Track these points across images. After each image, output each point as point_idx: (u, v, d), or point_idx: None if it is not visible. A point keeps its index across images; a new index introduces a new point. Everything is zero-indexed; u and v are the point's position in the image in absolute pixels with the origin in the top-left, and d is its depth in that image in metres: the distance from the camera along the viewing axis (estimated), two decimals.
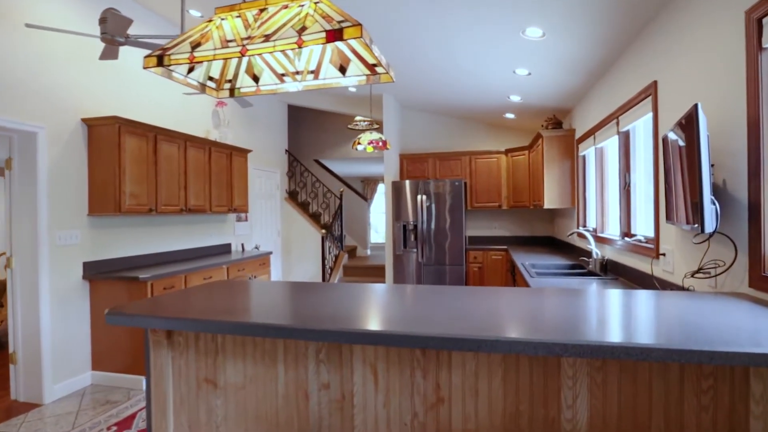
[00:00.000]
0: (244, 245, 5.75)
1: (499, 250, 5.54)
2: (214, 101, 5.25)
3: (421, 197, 5.64)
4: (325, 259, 6.33)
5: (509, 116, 5.62)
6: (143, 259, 4.08)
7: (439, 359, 1.33)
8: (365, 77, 1.81)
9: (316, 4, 1.42)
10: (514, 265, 4.29)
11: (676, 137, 1.87)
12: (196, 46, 1.58)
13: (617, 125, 3.08)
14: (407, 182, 5.68)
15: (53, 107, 3.28)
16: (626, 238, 2.97)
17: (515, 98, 4.73)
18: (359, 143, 4.57)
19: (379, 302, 1.60)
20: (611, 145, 3.49)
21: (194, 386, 1.58)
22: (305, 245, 6.90)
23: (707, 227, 1.55)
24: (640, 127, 2.92)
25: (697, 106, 1.56)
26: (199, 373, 1.57)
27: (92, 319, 3.56)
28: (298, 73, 1.90)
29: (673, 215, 2.00)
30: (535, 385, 1.28)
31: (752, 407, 1.16)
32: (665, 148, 2.07)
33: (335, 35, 1.37)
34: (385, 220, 6.16)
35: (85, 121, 3.53)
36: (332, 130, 8.14)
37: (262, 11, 1.60)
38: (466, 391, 1.32)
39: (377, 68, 1.76)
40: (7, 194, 3.22)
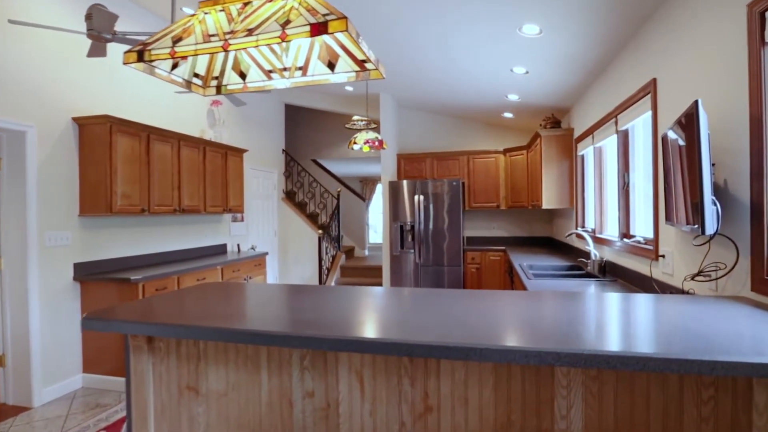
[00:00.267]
0: (239, 246, 5.70)
1: (497, 250, 5.48)
2: (209, 100, 5.20)
3: (418, 197, 5.59)
4: (321, 259, 6.27)
5: (507, 115, 5.57)
6: (136, 260, 4.03)
7: (427, 367, 1.27)
8: (355, 74, 1.75)
9: None
10: (512, 266, 4.23)
11: (675, 136, 1.81)
12: (177, 40, 1.52)
13: (616, 124, 3.03)
14: (405, 182, 5.63)
15: (43, 106, 3.23)
16: (625, 239, 2.91)
17: (513, 97, 4.67)
18: (355, 143, 4.52)
19: (367, 307, 1.54)
20: (610, 144, 3.43)
21: (176, 393, 1.52)
22: (302, 246, 6.84)
23: (708, 229, 1.50)
24: (639, 125, 2.86)
25: (697, 102, 1.50)
26: (180, 379, 1.52)
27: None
28: (285, 69, 1.84)
29: (672, 216, 1.94)
30: (527, 394, 1.22)
31: (755, 419, 1.10)
32: (665, 147, 2.01)
33: (320, 29, 1.32)
34: (382, 220, 6.10)
35: (75, 120, 3.48)
36: (330, 129, 8.08)
37: (246, 5, 1.54)
38: (455, 400, 1.26)
39: (367, 64, 1.70)
40: None
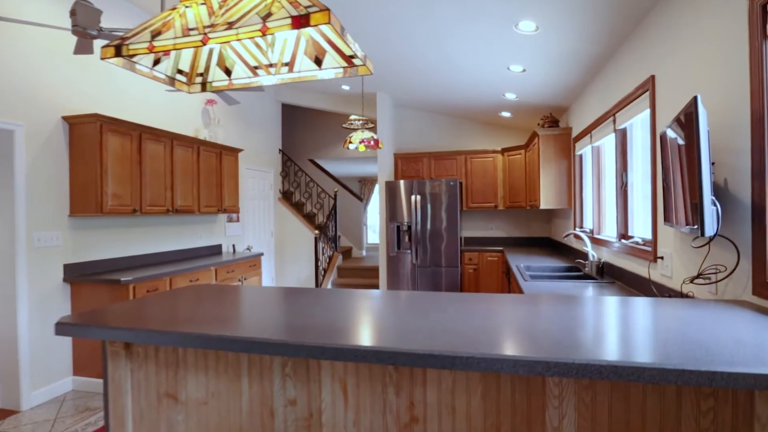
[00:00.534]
0: (235, 246, 5.64)
1: (495, 251, 5.42)
2: (203, 99, 5.14)
3: (415, 197, 5.53)
4: (318, 260, 6.21)
5: (505, 114, 5.51)
6: (129, 260, 3.97)
7: (413, 375, 1.21)
8: (342, 69, 1.70)
9: None
10: (509, 267, 4.17)
11: (674, 133, 1.75)
12: (156, 35, 1.46)
13: (614, 123, 2.97)
14: (402, 182, 5.57)
15: (32, 104, 3.18)
16: (623, 240, 2.85)
17: (510, 96, 4.61)
18: (351, 142, 4.46)
19: (353, 312, 1.49)
20: (608, 143, 3.37)
21: (154, 401, 1.47)
22: (299, 246, 6.79)
23: (707, 230, 1.44)
24: (637, 124, 2.80)
25: (696, 98, 1.44)
26: (159, 386, 1.46)
27: None
28: (271, 65, 1.79)
29: (671, 217, 1.88)
30: (517, 403, 1.16)
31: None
32: (663, 145, 1.95)
33: (301, 21, 1.26)
34: (378, 220, 6.05)
35: (66, 118, 3.42)
36: (327, 129, 8.02)
37: None
38: (442, 409, 1.20)
39: (354, 60, 1.64)
40: None
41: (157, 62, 1.74)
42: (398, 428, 1.23)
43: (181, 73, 1.86)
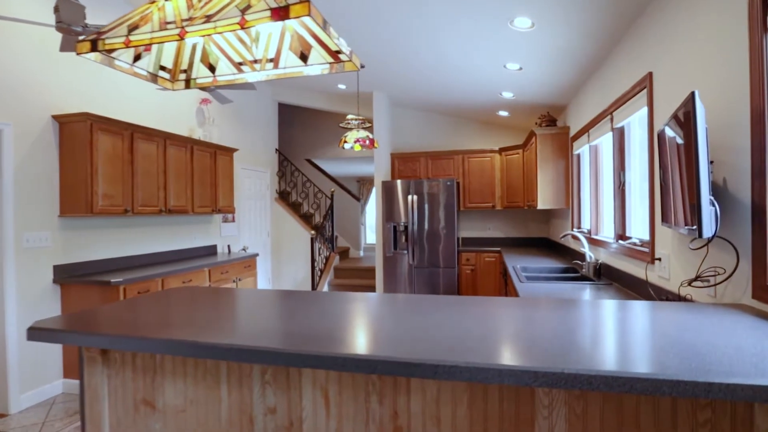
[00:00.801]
0: (230, 247, 5.59)
1: (492, 251, 5.36)
2: (198, 99, 5.09)
3: (412, 197, 5.47)
4: (314, 260, 6.16)
5: (503, 114, 5.45)
6: (121, 261, 3.92)
7: (396, 383, 1.16)
8: (329, 65, 1.65)
9: None
10: (506, 268, 4.12)
11: (671, 131, 1.70)
12: (134, 29, 1.41)
13: (611, 121, 2.91)
14: (398, 182, 5.51)
15: (21, 103, 3.12)
16: (620, 240, 2.80)
17: (507, 95, 4.55)
18: (346, 141, 4.40)
19: (337, 317, 1.43)
20: (605, 142, 3.32)
21: (131, 408, 1.42)
22: (296, 247, 6.73)
23: (705, 231, 1.38)
24: (635, 122, 2.75)
25: (693, 94, 1.39)
26: (136, 393, 1.41)
27: None
28: (256, 61, 1.73)
29: (669, 217, 1.83)
30: (505, 412, 1.11)
31: None
32: (661, 144, 1.90)
33: (281, 13, 1.21)
34: (374, 220, 5.99)
35: (55, 117, 3.37)
36: (324, 129, 7.97)
37: None
38: (426, 418, 1.15)
39: (340, 55, 1.59)
40: None
41: (138, 58, 1.68)
42: None
43: (164, 69, 1.81)
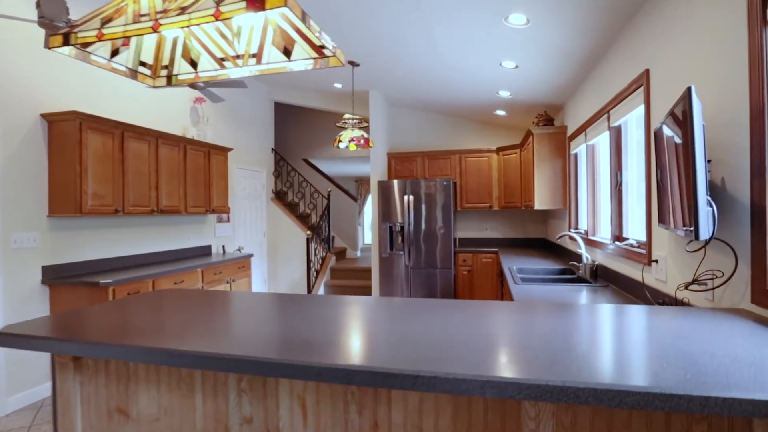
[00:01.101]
0: (225, 247, 5.53)
1: (489, 252, 5.30)
2: (191, 98, 5.03)
3: (408, 197, 5.41)
4: (310, 261, 6.10)
5: (500, 113, 5.39)
6: (112, 262, 3.87)
7: (376, 393, 1.10)
8: (313, 61, 1.59)
9: None
10: (503, 269, 4.06)
11: (668, 129, 1.64)
12: (107, 21, 1.35)
13: (608, 120, 2.85)
14: (395, 182, 5.46)
15: (9, 101, 3.07)
16: (617, 242, 2.74)
17: (504, 93, 4.50)
18: (341, 141, 4.35)
19: (319, 322, 1.38)
20: (602, 141, 3.26)
21: (105, 416, 1.36)
22: (292, 247, 6.67)
23: (702, 233, 1.33)
24: (632, 121, 2.69)
25: (690, 89, 1.33)
26: (109, 401, 1.35)
27: None
28: (239, 57, 1.68)
29: (666, 218, 1.77)
30: (490, 424, 1.05)
31: None
32: (658, 142, 1.84)
33: (256, 4, 1.15)
34: (370, 221, 5.93)
35: (44, 116, 3.32)
36: (321, 128, 7.91)
37: None
38: (408, 430, 1.09)
39: (324, 50, 1.53)
40: None
41: (115, 53, 1.63)
42: None
43: (144, 65, 1.76)
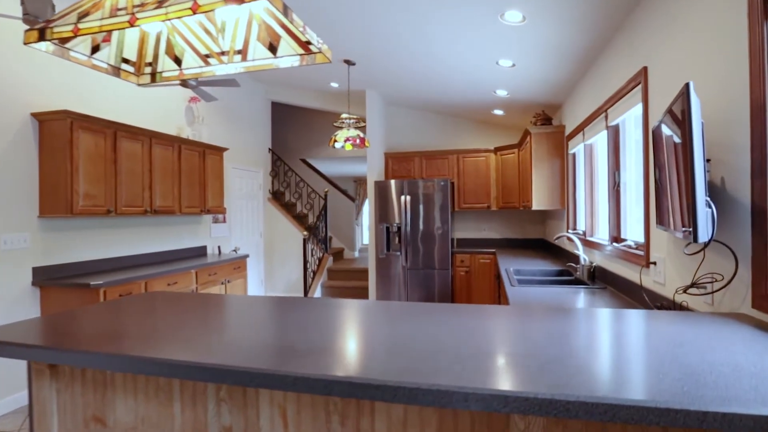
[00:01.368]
0: (220, 248, 5.48)
1: (487, 253, 5.25)
2: (187, 97, 4.99)
3: (405, 198, 5.36)
4: (307, 262, 6.05)
5: (498, 112, 5.34)
6: (104, 263, 3.82)
7: (359, 404, 1.05)
8: (299, 57, 1.54)
9: None
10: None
11: (666, 127, 1.59)
12: (84, 16, 1.31)
13: (606, 119, 2.80)
14: (392, 182, 5.40)
15: None
16: (615, 243, 2.69)
17: (502, 93, 4.44)
18: (336, 141, 4.30)
19: (303, 327, 1.33)
20: (600, 141, 3.21)
21: (81, 424, 1.31)
22: (289, 248, 6.63)
23: (701, 235, 1.28)
24: (630, 120, 2.64)
25: (688, 85, 1.28)
26: (86, 409, 1.30)
27: None
28: (223, 53, 1.63)
29: (664, 219, 1.72)
30: None
31: None
32: (656, 141, 1.79)
33: None
34: (367, 221, 5.88)
35: (35, 115, 3.27)
36: (319, 128, 7.86)
37: None
38: None
39: (311, 46, 1.49)
40: None
41: (96, 49, 1.58)
42: None
43: (126, 62, 1.71)
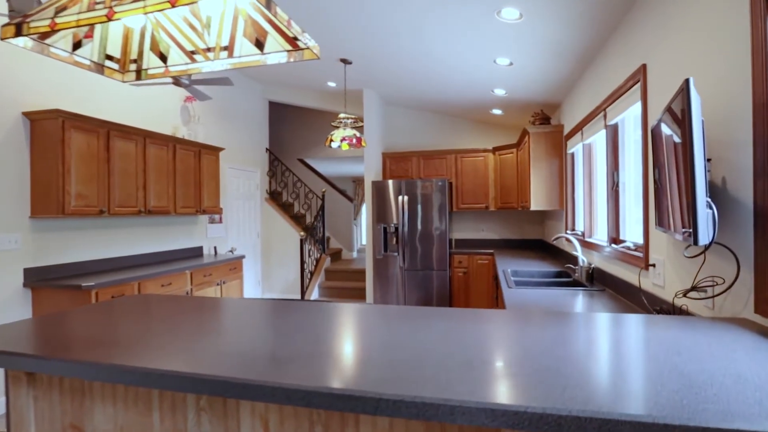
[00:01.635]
0: (216, 248, 5.44)
1: (485, 254, 5.20)
2: (182, 96, 4.94)
3: (403, 198, 5.31)
4: (304, 263, 6.01)
5: (496, 112, 5.29)
6: (97, 264, 3.78)
7: (343, 415, 1.01)
8: (286, 53, 1.50)
9: None
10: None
11: (665, 126, 1.55)
12: (62, 10, 1.26)
13: (605, 118, 2.75)
14: (390, 182, 5.36)
15: None
16: (614, 244, 2.64)
17: (500, 92, 4.40)
18: (332, 140, 4.26)
19: (289, 333, 1.28)
20: (599, 140, 3.16)
21: None
22: (287, 248, 6.58)
23: (701, 238, 1.23)
24: (629, 119, 2.59)
25: (688, 81, 1.23)
26: (64, 417, 1.26)
27: None
28: (209, 50, 1.59)
29: (663, 220, 1.68)
30: None
31: None
32: (655, 140, 1.74)
33: None
34: (365, 221, 5.83)
35: (26, 114, 3.23)
36: (316, 128, 7.82)
37: None
38: None
39: (298, 42, 1.44)
40: None
41: (78, 45, 1.54)
42: None
43: (111, 59, 1.66)
